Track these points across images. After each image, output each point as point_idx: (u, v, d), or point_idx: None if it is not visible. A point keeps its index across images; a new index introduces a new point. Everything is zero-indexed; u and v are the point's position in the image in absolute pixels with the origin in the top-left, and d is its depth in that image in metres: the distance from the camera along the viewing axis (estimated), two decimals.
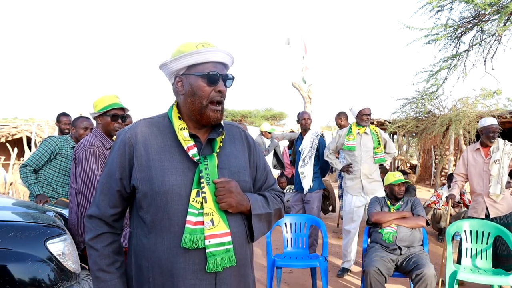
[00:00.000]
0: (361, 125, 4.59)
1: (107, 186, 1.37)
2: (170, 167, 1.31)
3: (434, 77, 6.99)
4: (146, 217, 1.31)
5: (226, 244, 1.31)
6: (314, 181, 4.82)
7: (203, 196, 1.30)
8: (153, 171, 1.30)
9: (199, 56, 1.33)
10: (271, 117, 28.66)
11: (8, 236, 2.27)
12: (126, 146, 1.35)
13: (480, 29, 6.24)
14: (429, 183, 13.06)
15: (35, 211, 2.80)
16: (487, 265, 3.75)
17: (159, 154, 1.33)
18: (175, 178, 1.30)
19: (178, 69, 1.37)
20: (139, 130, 1.37)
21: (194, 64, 1.35)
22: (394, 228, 3.60)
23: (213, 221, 1.30)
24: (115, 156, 1.36)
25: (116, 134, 1.45)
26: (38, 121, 10.47)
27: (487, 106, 9.35)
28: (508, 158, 4.01)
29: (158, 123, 1.40)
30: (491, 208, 4.07)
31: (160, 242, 1.29)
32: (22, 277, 2.23)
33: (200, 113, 1.35)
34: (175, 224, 1.29)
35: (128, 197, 1.38)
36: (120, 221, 1.41)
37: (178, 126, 1.36)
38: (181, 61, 1.35)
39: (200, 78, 1.34)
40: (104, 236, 1.36)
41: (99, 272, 1.35)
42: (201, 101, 1.34)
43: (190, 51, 1.33)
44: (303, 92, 13.89)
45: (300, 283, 4.31)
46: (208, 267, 1.28)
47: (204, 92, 1.34)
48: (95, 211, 1.37)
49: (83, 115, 5.18)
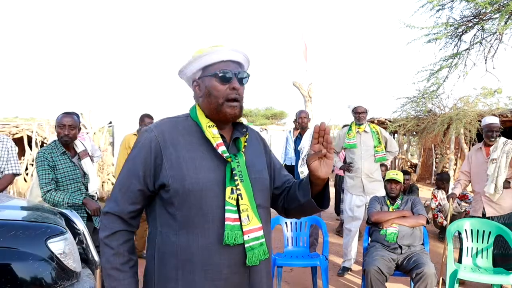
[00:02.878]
0: (358, 124, 4.59)
1: (127, 182, 1.35)
2: (202, 165, 1.33)
3: (434, 76, 6.99)
4: (177, 214, 1.31)
5: (260, 238, 1.36)
6: None
7: (238, 193, 1.33)
8: (185, 169, 1.31)
9: (210, 56, 1.37)
10: (271, 116, 28.67)
11: (9, 235, 2.27)
12: (153, 143, 1.34)
13: (481, 27, 6.22)
14: (430, 182, 13.05)
15: (36, 210, 2.80)
16: (488, 264, 3.75)
17: (189, 152, 1.34)
18: (208, 176, 1.32)
19: (194, 73, 1.42)
20: (166, 129, 1.37)
21: (207, 66, 1.39)
22: (396, 228, 3.60)
23: (249, 216, 1.34)
24: (139, 153, 1.35)
25: (140, 131, 1.43)
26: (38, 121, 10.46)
27: (487, 105, 9.36)
28: (508, 157, 3.99)
29: (182, 122, 1.42)
30: (488, 207, 4.08)
31: (194, 239, 1.29)
32: (23, 276, 2.23)
33: (217, 111, 1.38)
34: (210, 220, 1.30)
35: (149, 195, 1.37)
36: (137, 218, 1.40)
37: (206, 124, 1.38)
38: (193, 65, 1.40)
39: (213, 78, 1.37)
40: (120, 234, 1.35)
41: (112, 270, 1.33)
42: (217, 100, 1.37)
43: (199, 54, 1.38)
44: (303, 91, 13.88)
45: (300, 282, 4.32)
46: (248, 261, 1.32)
47: (219, 91, 1.37)
48: (113, 208, 1.35)
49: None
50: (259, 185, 1.43)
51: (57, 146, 3.29)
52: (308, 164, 1.34)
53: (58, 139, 3.31)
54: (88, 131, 9.02)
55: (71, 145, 3.36)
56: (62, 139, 3.26)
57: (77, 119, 3.37)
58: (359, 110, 4.54)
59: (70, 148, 3.36)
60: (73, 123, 3.29)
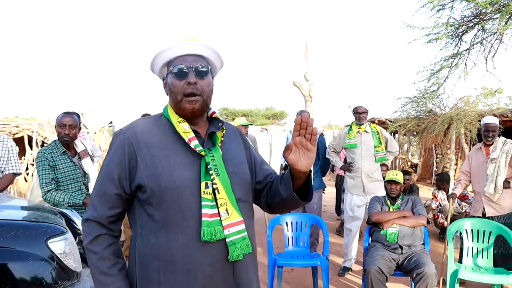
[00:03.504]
0: (358, 124, 4.60)
1: (104, 187, 1.34)
2: (177, 162, 1.31)
3: (435, 76, 6.99)
4: (155, 214, 1.29)
5: (242, 232, 1.34)
6: (314, 180, 4.81)
7: (214, 187, 1.31)
8: (160, 168, 1.30)
9: (167, 53, 1.37)
10: (272, 116, 28.67)
11: (9, 235, 2.27)
12: (126, 146, 1.33)
13: (481, 28, 6.22)
14: (430, 182, 13.04)
15: (36, 210, 2.80)
16: (488, 264, 3.75)
17: (163, 150, 1.33)
18: (184, 173, 1.30)
19: (161, 71, 1.43)
20: (139, 129, 1.36)
21: (169, 62, 1.38)
22: (397, 228, 3.60)
23: (228, 210, 1.32)
24: (113, 157, 1.34)
25: (113, 135, 1.42)
26: (39, 120, 10.48)
27: (488, 105, 9.35)
28: (507, 156, 3.99)
29: (156, 121, 1.41)
30: (488, 207, 4.08)
31: (173, 238, 1.28)
32: (23, 276, 2.23)
33: (178, 108, 1.37)
34: (189, 217, 1.28)
35: (127, 198, 1.35)
36: (117, 223, 1.38)
37: (176, 120, 1.37)
38: (155, 61, 1.40)
39: (171, 75, 1.37)
40: (102, 238, 1.33)
41: (101, 275, 1.31)
42: (176, 97, 1.36)
43: (158, 51, 1.37)
44: (304, 91, 13.87)
45: (301, 282, 4.32)
46: (231, 256, 1.30)
47: (176, 87, 1.36)
48: (92, 214, 1.34)
49: None
50: (238, 179, 1.40)
51: (57, 146, 3.29)
52: (285, 157, 1.31)
53: (58, 138, 3.31)
54: (89, 131, 9.02)
55: (72, 145, 3.36)
56: (63, 138, 3.26)
57: (77, 119, 3.36)
58: (360, 110, 4.54)
59: (70, 148, 3.36)
60: (73, 122, 3.28)
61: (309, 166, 1.32)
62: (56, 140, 3.35)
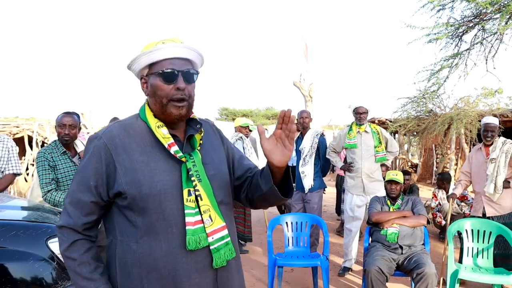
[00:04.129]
0: (358, 124, 4.60)
1: (78, 194, 1.28)
2: (156, 167, 1.27)
3: (435, 76, 6.99)
4: (137, 221, 1.26)
5: (225, 237, 1.32)
6: (315, 180, 4.81)
7: (197, 194, 1.28)
8: (140, 174, 1.25)
9: (155, 54, 1.30)
10: (272, 116, 28.67)
11: (9, 235, 2.27)
12: (102, 151, 1.27)
13: (481, 28, 6.22)
14: (430, 182, 13.04)
15: (36, 210, 2.81)
16: (489, 264, 3.75)
17: (142, 155, 1.28)
18: (164, 178, 1.27)
19: (141, 70, 1.35)
20: (116, 134, 1.30)
21: (153, 64, 1.32)
22: (397, 228, 3.60)
23: (211, 217, 1.30)
24: (89, 163, 1.28)
25: (88, 139, 1.35)
26: (39, 120, 10.48)
27: (488, 105, 9.36)
28: (507, 156, 3.99)
29: (132, 124, 1.35)
30: (488, 207, 4.08)
31: (156, 245, 1.25)
32: (23, 276, 2.24)
33: (163, 111, 1.31)
34: (172, 224, 1.25)
35: (104, 205, 1.30)
36: (93, 229, 1.33)
37: (155, 124, 1.32)
38: (140, 61, 1.33)
39: (157, 76, 1.30)
40: (79, 243, 1.28)
41: (83, 281, 1.27)
42: (161, 100, 1.30)
43: (144, 51, 1.31)
44: (304, 91, 13.90)
45: (301, 282, 4.32)
46: (215, 263, 1.29)
47: (163, 91, 1.30)
48: (66, 221, 1.29)
49: None
50: (218, 181, 1.37)
51: (57, 146, 3.28)
52: (262, 144, 1.26)
53: (58, 138, 3.30)
54: (89, 131, 9.03)
55: (72, 145, 3.36)
56: (63, 138, 3.25)
57: (77, 119, 3.35)
58: (360, 111, 4.54)
59: (70, 148, 3.35)
60: (73, 122, 3.27)
61: (283, 163, 1.26)
62: (56, 140, 3.34)
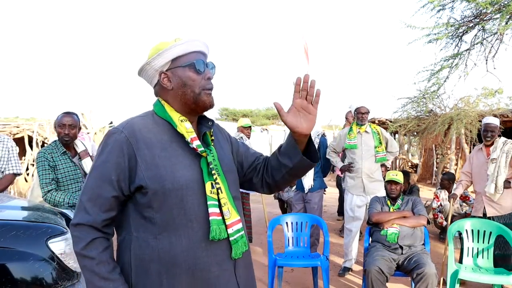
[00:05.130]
0: (359, 124, 4.60)
1: (98, 190, 1.26)
2: (177, 163, 1.28)
3: (435, 76, 6.98)
4: (156, 217, 1.25)
5: (241, 230, 1.36)
6: (315, 180, 4.81)
7: (217, 187, 1.31)
8: (162, 169, 1.25)
9: (182, 47, 1.34)
10: (272, 116, 28.65)
11: (9, 235, 2.27)
12: (124, 145, 1.26)
13: (481, 28, 6.22)
14: (431, 182, 13.04)
15: (36, 210, 2.80)
16: (489, 264, 3.75)
17: (163, 151, 1.28)
18: (186, 173, 1.28)
19: (162, 66, 1.35)
20: (137, 128, 1.30)
21: (177, 57, 1.35)
22: (397, 228, 3.60)
23: (229, 210, 1.33)
24: (110, 158, 1.26)
25: (107, 133, 1.33)
26: (39, 121, 10.47)
27: (488, 105, 9.35)
28: (507, 157, 4.00)
29: (150, 119, 1.35)
30: (488, 207, 4.09)
31: (177, 240, 1.25)
32: (23, 276, 2.23)
33: (195, 101, 1.34)
34: (192, 219, 1.27)
35: (124, 200, 1.29)
36: (111, 226, 1.31)
37: (178, 118, 1.34)
38: (165, 55, 1.34)
39: (187, 68, 1.34)
40: (97, 242, 1.25)
41: (101, 281, 1.22)
42: (193, 90, 1.34)
43: (170, 45, 1.34)
44: None
45: (301, 282, 4.31)
46: (234, 254, 1.32)
47: (195, 81, 1.34)
48: (83, 218, 1.25)
49: None
50: (231, 177, 1.42)
51: (57, 146, 3.28)
52: (283, 120, 1.30)
53: (58, 139, 3.30)
54: (89, 131, 9.03)
55: (72, 145, 3.36)
56: (63, 138, 3.26)
57: (77, 119, 3.36)
58: (362, 111, 4.53)
59: (70, 148, 3.35)
60: (73, 122, 3.27)
61: (309, 129, 1.31)
62: (56, 140, 3.34)
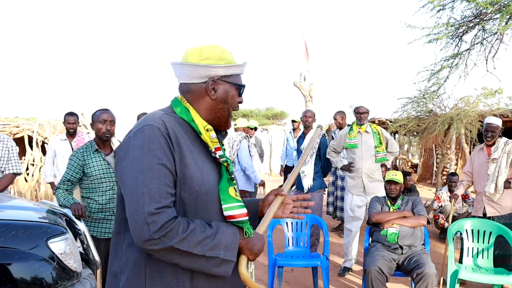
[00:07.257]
0: (359, 124, 4.60)
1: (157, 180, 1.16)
2: (203, 167, 1.28)
3: (435, 76, 6.98)
4: None
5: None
6: (315, 180, 4.81)
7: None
8: (191, 170, 1.23)
9: (242, 68, 1.39)
10: (272, 116, 28.67)
11: (9, 235, 2.27)
12: (162, 138, 1.19)
13: (481, 28, 6.22)
14: (431, 182, 13.04)
15: (37, 210, 2.80)
16: (489, 264, 3.75)
17: (190, 152, 1.26)
18: (210, 178, 1.28)
19: (217, 74, 1.32)
20: (169, 125, 1.24)
21: (231, 74, 1.36)
22: (397, 228, 3.60)
23: None
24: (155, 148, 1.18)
25: (139, 130, 1.23)
26: (39, 120, 10.47)
27: (488, 105, 9.34)
28: (508, 157, 4.00)
29: (173, 119, 1.29)
30: (488, 207, 4.09)
31: None
32: (23, 276, 2.24)
33: (226, 120, 1.40)
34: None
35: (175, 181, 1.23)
36: None
37: (204, 126, 1.31)
38: (231, 69, 1.34)
39: (234, 87, 1.37)
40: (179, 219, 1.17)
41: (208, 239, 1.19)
42: (229, 109, 1.38)
43: (234, 62, 1.36)
44: (304, 91, 13.89)
45: (301, 282, 4.32)
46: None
47: (235, 102, 1.39)
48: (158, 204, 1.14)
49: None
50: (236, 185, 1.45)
51: (91, 145, 3.14)
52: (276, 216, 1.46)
53: (97, 135, 3.14)
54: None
55: (108, 143, 3.19)
56: (104, 134, 3.09)
57: (114, 115, 3.19)
58: (361, 110, 4.53)
59: (106, 145, 3.18)
60: (113, 118, 3.13)
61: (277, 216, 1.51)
62: (91, 140, 3.20)
